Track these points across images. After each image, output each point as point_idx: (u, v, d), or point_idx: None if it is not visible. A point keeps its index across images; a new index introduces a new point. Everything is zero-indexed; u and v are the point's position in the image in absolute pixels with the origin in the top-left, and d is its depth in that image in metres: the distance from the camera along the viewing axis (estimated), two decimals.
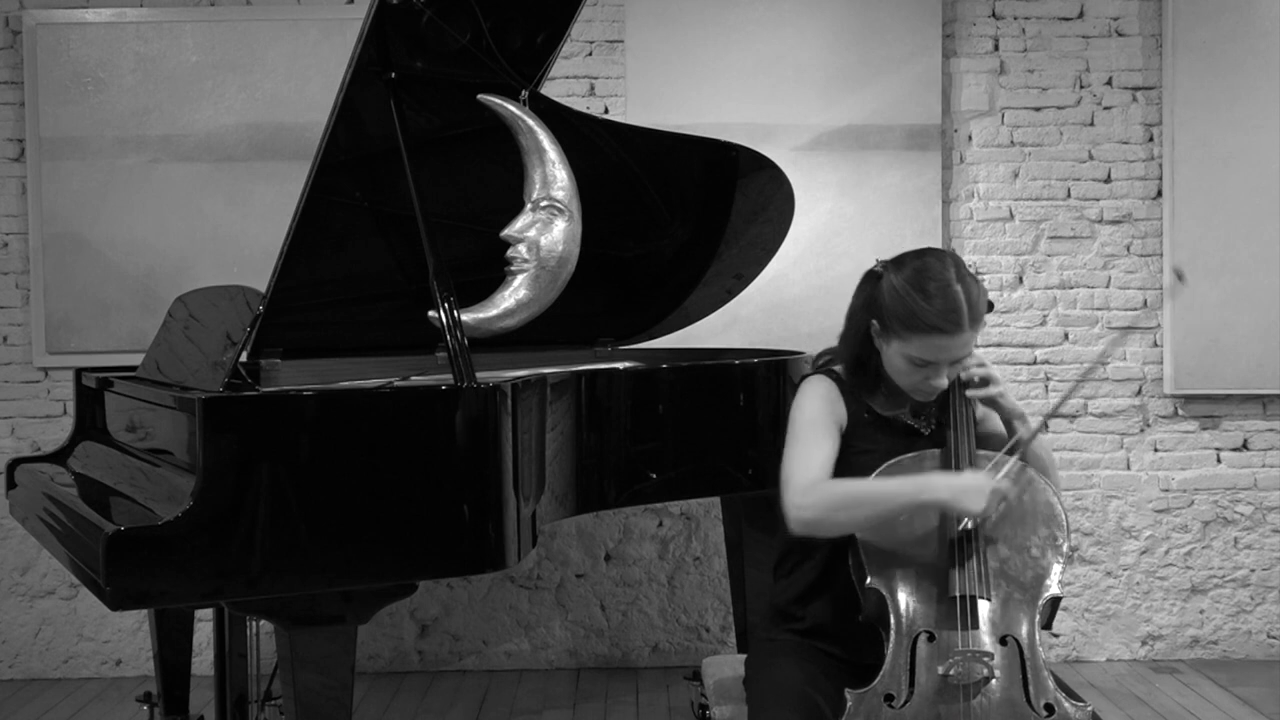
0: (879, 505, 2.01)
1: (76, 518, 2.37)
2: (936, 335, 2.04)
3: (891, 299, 2.08)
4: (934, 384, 2.10)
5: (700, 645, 4.16)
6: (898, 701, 1.92)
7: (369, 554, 2.17)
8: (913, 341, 2.06)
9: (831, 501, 2.02)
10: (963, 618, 1.97)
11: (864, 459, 2.14)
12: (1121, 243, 4.12)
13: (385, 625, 4.12)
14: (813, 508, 2.02)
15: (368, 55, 2.52)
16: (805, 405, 2.17)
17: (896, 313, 2.07)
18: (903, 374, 2.12)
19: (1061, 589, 2.05)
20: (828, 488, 2.05)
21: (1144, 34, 4.10)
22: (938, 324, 2.03)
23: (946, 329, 2.03)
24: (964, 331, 2.04)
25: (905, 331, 2.06)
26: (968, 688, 1.92)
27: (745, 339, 4.01)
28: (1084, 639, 4.18)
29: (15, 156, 4.04)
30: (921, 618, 1.99)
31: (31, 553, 4.06)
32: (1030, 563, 2.05)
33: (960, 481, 1.99)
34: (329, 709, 2.22)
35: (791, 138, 4.02)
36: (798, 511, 2.03)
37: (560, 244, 2.74)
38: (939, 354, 2.06)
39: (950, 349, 2.06)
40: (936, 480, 2.01)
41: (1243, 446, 4.16)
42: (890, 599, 2.01)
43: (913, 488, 2.00)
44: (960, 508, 1.97)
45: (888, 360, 2.14)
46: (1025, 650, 1.97)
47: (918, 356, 2.07)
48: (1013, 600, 2.02)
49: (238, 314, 2.51)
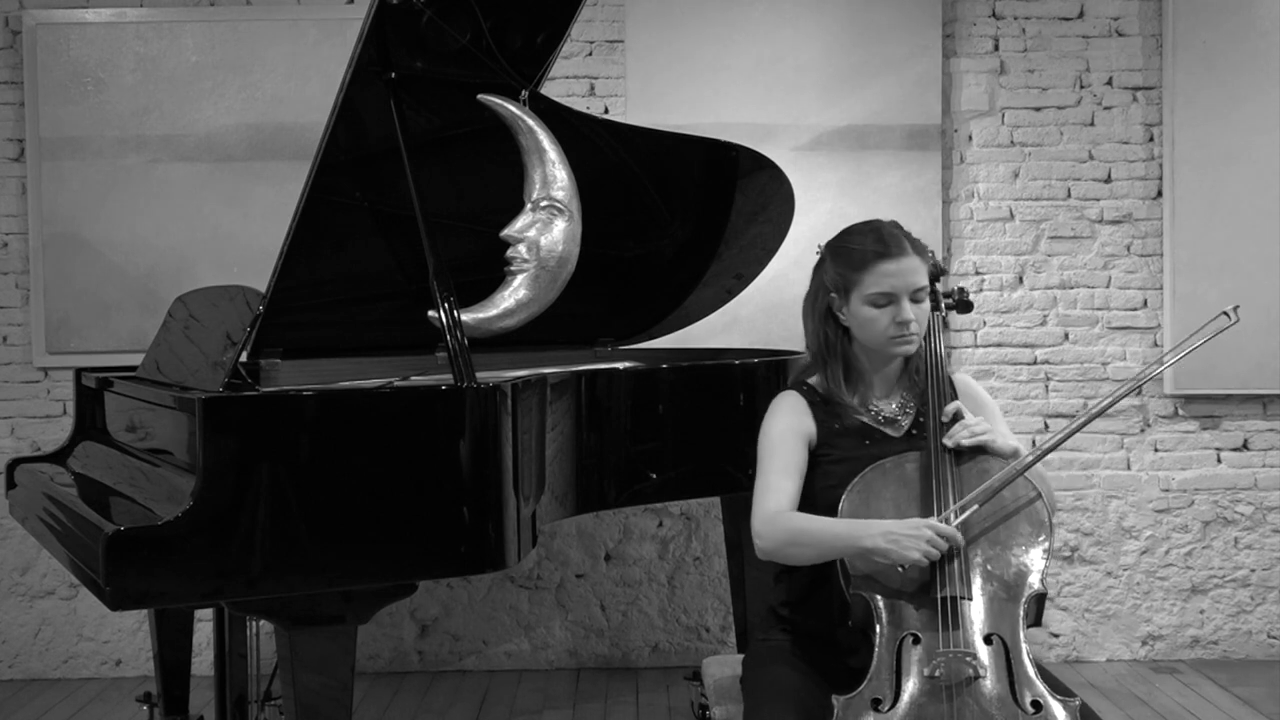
0: (823, 547, 2.07)
1: (76, 518, 2.37)
2: (886, 261, 2.15)
3: (838, 257, 2.21)
4: (901, 321, 2.16)
5: (700, 645, 4.16)
6: (884, 705, 1.92)
7: (369, 554, 2.17)
8: (867, 279, 2.16)
9: (785, 536, 2.10)
10: (946, 619, 1.97)
11: (840, 468, 2.16)
12: (1121, 243, 4.12)
13: (385, 625, 4.13)
14: (769, 539, 2.11)
15: (368, 55, 2.52)
16: (771, 425, 2.23)
17: (846, 262, 2.19)
18: (871, 325, 2.17)
19: (1046, 585, 2.04)
20: (784, 522, 2.11)
21: (1144, 34, 4.10)
22: (878, 249, 2.16)
23: (889, 252, 2.16)
24: (907, 254, 2.16)
25: (857, 273, 2.17)
26: (954, 688, 1.92)
27: (745, 339, 4.01)
28: (1084, 639, 4.18)
29: (15, 156, 4.04)
30: (906, 621, 2.00)
31: (31, 553, 4.06)
32: (1013, 560, 2.05)
33: (897, 530, 2.00)
34: (329, 709, 2.22)
35: (791, 138, 4.02)
36: (757, 540, 2.13)
37: (560, 244, 2.73)
38: (894, 281, 2.15)
39: (903, 274, 2.15)
40: (874, 528, 2.02)
41: (1243, 446, 4.16)
42: (874, 604, 2.02)
43: (851, 535, 2.03)
44: (896, 558, 1.98)
45: (855, 323, 2.20)
46: (1010, 648, 1.96)
47: (877, 293, 2.16)
48: (996, 599, 2.01)
49: (238, 314, 2.51)
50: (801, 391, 2.26)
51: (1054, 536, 2.11)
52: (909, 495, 2.09)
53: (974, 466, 2.12)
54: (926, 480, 2.10)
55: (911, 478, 2.11)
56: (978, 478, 2.10)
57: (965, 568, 2.01)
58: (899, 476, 2.11)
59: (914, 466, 2.13)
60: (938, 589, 1.99)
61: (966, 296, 2.39)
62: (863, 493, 2.10)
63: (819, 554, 2.07)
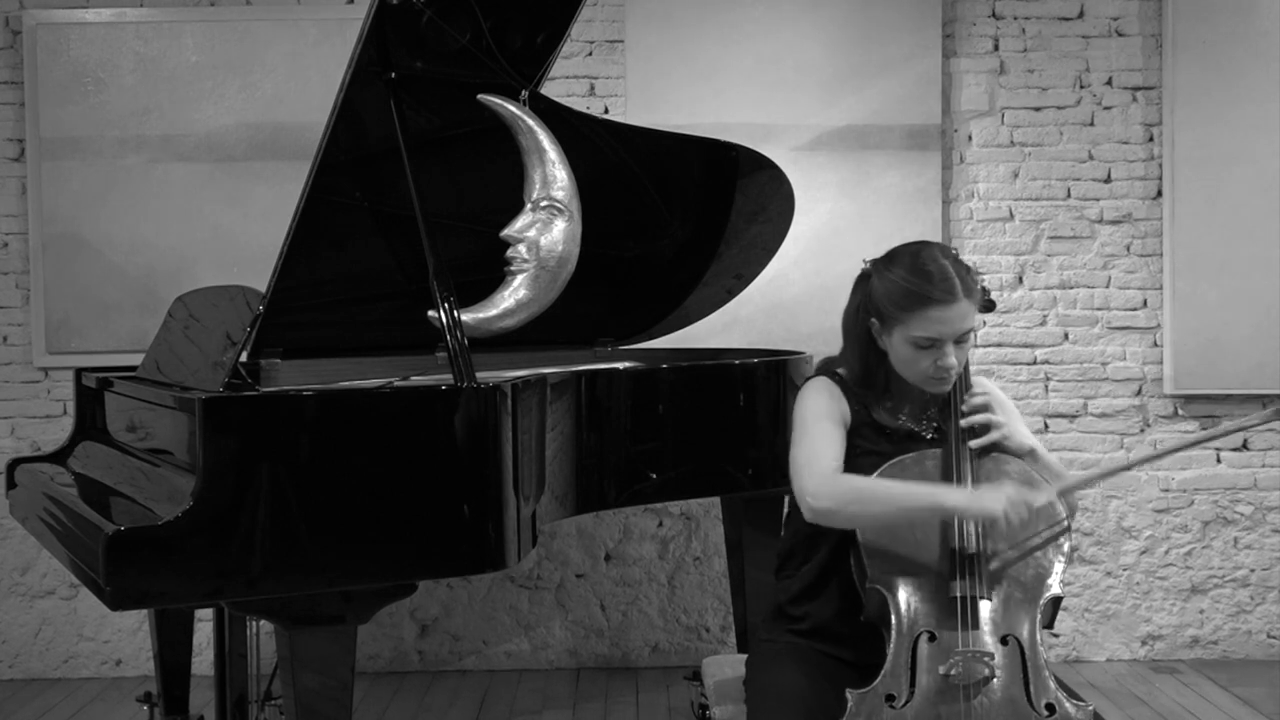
0: (894, 504, 2.02)
1: (76, 518, 2.37)
2: (934, 307, 2.05)
3: (886, 286, 2.10)
4: (943, 366, 2.09)
5: (700, 645, 4.16)
6: (898, 701, 1.92)
7: (369, 554, 2.17)
8: (913, 321, 2.07)
9: (847, 495, 2.03)
10: (964, 618, 1.97)
11: (865, 460, 2.14)
12: (1121, 243, 4.12)
13: (385, 625, 4.12)
14: (828, 498, 2.03)
15: (368, 55, 2.52)
16: (811, 401, 2.18)
17: (893, 297, 2.09)
18: (910, 364, 2.12)
19: (1063, 588, 2.05)
20: (845, 480, 2.06)
21: (1144, 34, 4.10)
22: (933, 294, 2.05)
23: (943, 299, 2.05)
24: (959, 301, 2.06)
25: (904, 314, 2.08)
26: (969, 688, 1.92)
27: (745, 339, 4.01)
28: (1084, 639, 4.18)
29: (15, 156, 4.04)
30: (923, 618, 1.99)
31: (31, 553, 4.06)
32: (1031, 562, 2.05)
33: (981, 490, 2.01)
34: (329, 709, 2.22)
35: (791, 138, 4.02)
36: (814, 500, 2.04)
37: (560, 244, 2.73)
38: (941, 328, 2.07)
39: (950, 321, 2.06)
40: (956, 491, 2.02)
41: (1243, 447, 4.16)
42: (892, 599, 2.01)
43: (935, 492, 2.01)
44: (977, 510, 1.98)
45: (895, 355, 2.14)
46: (1026, 650, 1.97)
47: (922, 336, 2.07)
48: (1013, 600, 2.02)
49: (238, 314, 2.51)
50: (834, 379, 2.22)
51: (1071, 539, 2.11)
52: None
53: (994, 466, 2.13)
54: (946, 478, 2.10)
55: (931, 474, 2.11)
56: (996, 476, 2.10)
57: (984, 568, 2.01)
58: (919, 472, 2.11)
59: (934, 464, 2.12)
60: (956, 588, 1.99)
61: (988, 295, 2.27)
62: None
63: (885, 511, 2.02)
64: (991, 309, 2.29)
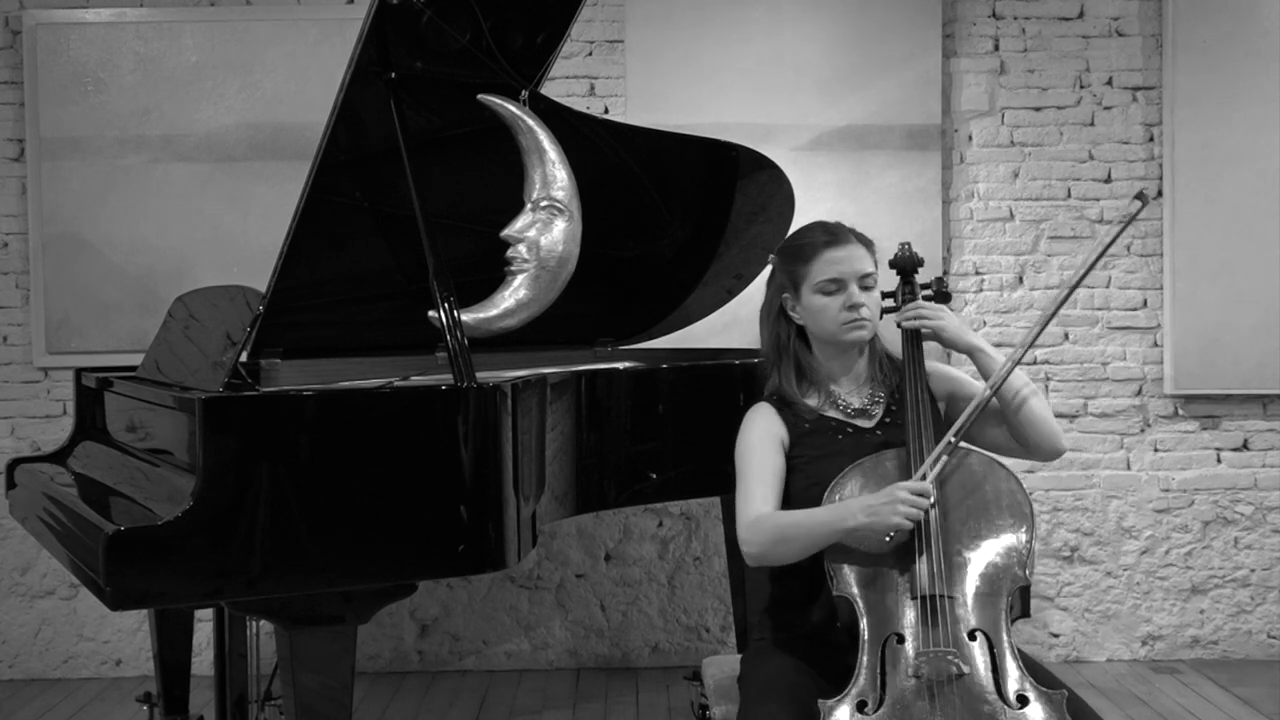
0: (808, 538, 2.08)
1: (76, 518, 2.37)
2: (828, 249, 2.22)
3: (786, 255, 2.28)
4: (853, 305, 2.19)
5: (700, 645, 4.16)
6: (869, 707, 1.92)
7: (369, 554, 2.17)
8: (813, 269, 2.22)
9: (771, 536, 2.11)
10: (927, 618, 1.97)
11: (818, 465, 2.19)
12: (1121, 243, 4.12)
13: (385, 625, 4.13)
14: (755, 543, 2.12)
15: (368, 55, 2.52)
16: (745, 435, 2.26)
17: (793, 257, 2.26)
18: (823, 313, 2.21)
19: (1030, 575, 2.04)
20: (767, 523, 2.13)
21: (1144, 34, 4.10)
22: (824, 238, 2.23)
23: (832, 241, 2.23)
24: (851, 242, 2.22)
25: (804, 265, 2.23)
26: (938, 686, 1.92)
27: (745, 339, 4.01)
28: (1084, 639, 4.18)
29: (15, 156, 4.04)
30: (890, 621, 2.00)
31: (31, 553, 4.06)
32: (994, 554, 2.05)
33: (873, 501, 2.03)
34: (329, 709, 2.22)
35: (791, 138, 4.02)
36: (744, 546, 2.14)
37: (560, 244, 2.73)
38: (840, 268, 2.20)
39: (849, 260, 2.21)
40: (853, 506, 2.05)
41: (1243, 446, 4.16)
42: (858, 605, 2.03)
43: (834, 519, 2.06)
44: (881, 527, 1.99)
45: (809, 315, 2.24)
46: (994, 643, 1.96)
47: (825, 280, 2.20)
48: (978, 594, 2.01)
49: (238, 314, 2.51)
50: (770, 401, 2.29)
51: (1036, 524, 2.12)
52: None
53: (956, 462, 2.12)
54: (905, 474, 2.11)
55: (890, 474, 2.13)
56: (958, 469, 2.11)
57: (945, 565, 2.02)
58: (879, 475, 2.13)
59: (893, 464, 2.14)
60: (918, 588, 1.99)
61: (945, 287, 2.34)
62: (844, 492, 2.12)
63: (805, 546, 2.09)
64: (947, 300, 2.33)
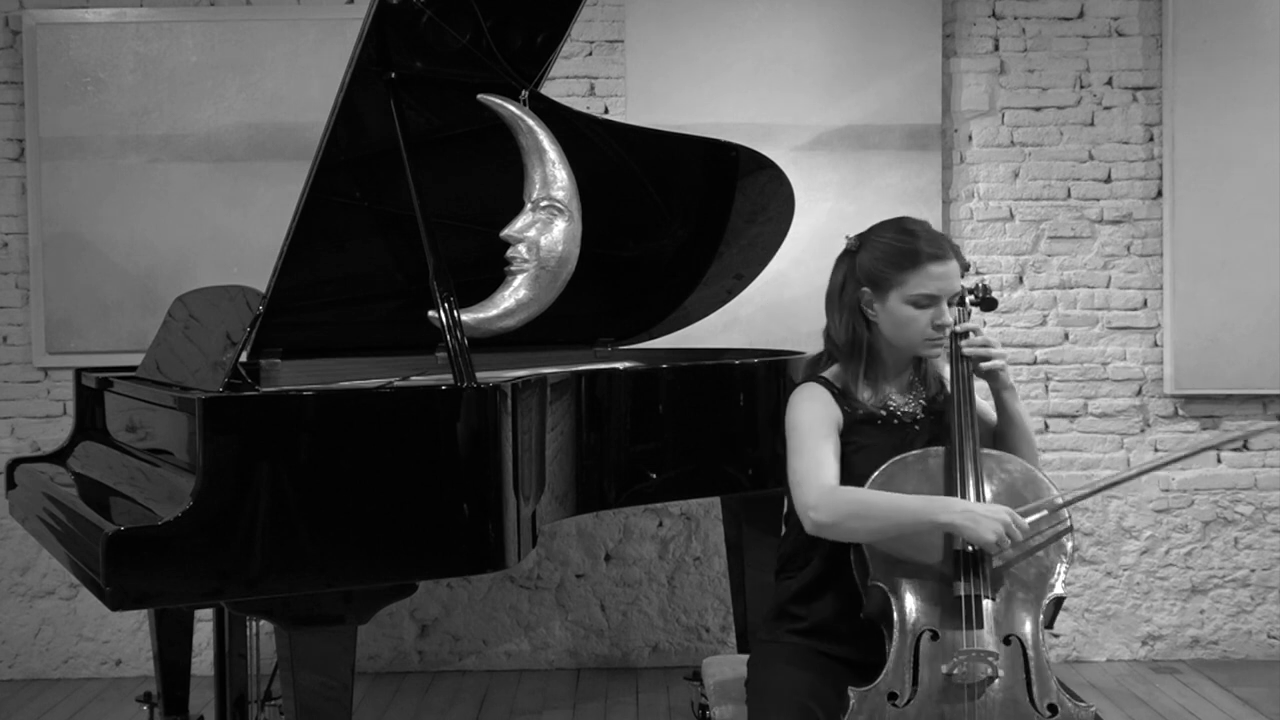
0: (893, 519, 2.02)
1: (76, 518, 2.37)
2: (932, 263, 2.14)
3: (879, 253, 2.19)
4: (941, 324, 2.16)
5: (700, 645, 4.15)
6: (901, 700, 1.93)
7: (369, 554, 2.17)
8: (911, 279, 2.14)
9: (847, 509, 2.05)
10: (967, 617, 1.97)
11: (861, 455, 2.16)
12: (1121, 243, 4.12)
13: (385, 625, 4.12)
14: (828, 512, 2.05)
15: (368, 55, 2.52)
16: (804, 409, 2.20)
17: (890, 258, 2.17)
18: (907, 325, 2.17)
19: (1065, 588, 2.05)
20: (844, 494, 2.07)
21: (1144, 34, 4.10)
22: (929, 250, 2.14)
23: (939, 254, 2.15)
24: (952, 259, 2.16)
25: (901, 273, 2.15)
26: (971, 687, 1.92)
27: (745, 339, 4.01)
28: (1084, 639, 4.18)
29: (15, 156, 4.04)
30: (925, 616, 1.99)
31: (31, 553, 4.06)
32: (1034, 562, 2.06)
33: (978, 510, 1.99)
34: (329, 709, 2.22)
35: (791, 138, 4.02)
36: (815, 514, 2.05)
37: (560, 244, 2.73)
38: (938, 284, 2.14)
39: (946, 277, 2.15)
40: (952, 504, 2.01)
41: (1243, 446, 4.15)
42: (894, 597, 2.01)
43: (930, 508, 2.01)
44: (972, 536, 1.97)
45: (890, 321, 2.18)
46: (1029, 650, 1.97)
47: (921, 294, 2.14)
48: (1016, 599, 2.02)
49: (238, 314, 2.51)
50: (825, 385, 2.24)
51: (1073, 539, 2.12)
52: (931, 489, 2.09)
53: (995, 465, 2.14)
54: (950, 475, 2.10)
55: (935, 472, 2.11)
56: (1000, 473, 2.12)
57: (987, 567, 2.01)
58: (922, 470, 2.11)
59: (937, 462, 2.13)
60: (960, 587, 1.99)
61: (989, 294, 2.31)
62: (885, 485, 2.10)
63: (883, 528, 2.03)
64: (993, 306, 2.30)
